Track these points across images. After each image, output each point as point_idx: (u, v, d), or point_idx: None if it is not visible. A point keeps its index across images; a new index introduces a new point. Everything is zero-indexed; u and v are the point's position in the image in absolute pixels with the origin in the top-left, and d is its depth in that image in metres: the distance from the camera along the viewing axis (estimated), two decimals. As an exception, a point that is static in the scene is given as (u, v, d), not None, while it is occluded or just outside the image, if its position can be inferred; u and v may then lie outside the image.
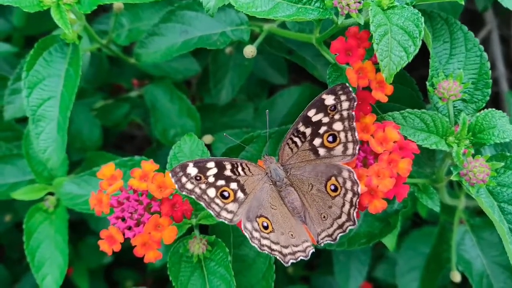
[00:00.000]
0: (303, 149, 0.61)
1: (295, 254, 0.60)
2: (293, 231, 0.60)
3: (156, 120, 0.98)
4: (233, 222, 0.60)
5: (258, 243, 0.59)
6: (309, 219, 0.61)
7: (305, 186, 0.61)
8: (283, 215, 0.61)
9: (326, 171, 0.60)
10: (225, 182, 0.60)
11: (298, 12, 0.58)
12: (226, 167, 0.60)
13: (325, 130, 0.60)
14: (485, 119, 0.62)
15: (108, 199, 0.62)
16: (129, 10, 0.90)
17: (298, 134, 0.61)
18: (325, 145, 0.60)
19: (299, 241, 0.60)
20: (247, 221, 0.60)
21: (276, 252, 0.60)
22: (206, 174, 0.59)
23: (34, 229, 0.82)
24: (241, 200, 0.60)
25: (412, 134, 0.61)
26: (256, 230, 0.59)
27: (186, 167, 0.59)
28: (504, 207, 0.63)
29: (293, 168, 0.61)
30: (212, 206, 0.59)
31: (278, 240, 0.60)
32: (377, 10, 0.55)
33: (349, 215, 0.59)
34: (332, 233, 0.60)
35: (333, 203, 0.60)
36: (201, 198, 0.59)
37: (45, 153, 0.75)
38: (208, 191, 0.59)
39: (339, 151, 0.60)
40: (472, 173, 0.60)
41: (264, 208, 0.61)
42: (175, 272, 0.66)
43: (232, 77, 1.00)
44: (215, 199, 0.59)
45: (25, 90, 0.75)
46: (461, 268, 0.85)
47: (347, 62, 0.61)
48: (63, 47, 0.77)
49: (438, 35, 0.67)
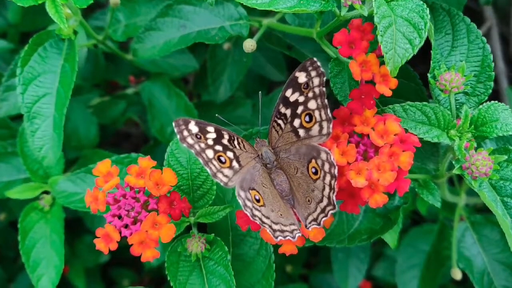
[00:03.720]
0: (286, 131, 0.61)
1: (284, 232, 0.60)
2: (282, 212, 0.61)
3: (153, 117, 0.97)
4: (228, 185, 0.60)
5: (250, 212, 0.59)
6: (297, 202, 0.61)
7: (291, 169, 0.61)
8: (273, 196, 0.61)
9: (307, 153, 0.60)
10: (222, 148, 0.60)
11: (300, 4, 0.57)
12: (224, 136, 0.60)
13: (302, 109, 0.59)
14: (487, 112, 0.62)
15: (104, 196, 0.61)
16: (126, 5, 0.89)
17: (280, 116, 0.61)
18: (303, 126, 0.60)
19: (287, 222, 0.60)
20: (240, 189, 0.60)
21: (266, 225, 0.60)
22: (206, 136, 0.59)
23: (30, 229, 0.81)
24: (236, 169, 0.61)
25: (413, 127, 0.60)
26: (249, 200, 0.60)
27: (188, 123, 0.59)
28: (507, 201, 0.63)
29: (281, 151, 0.62)
30: (209, 165, 0.59)
31: (269, 215, 0.60)
32: (381, 1, 0.54)
33: (329, 198, 0.59)
34: (316, 217, 0.60)
35: (315, 186, 0.60)
36: (200, 155, 0.59)
37: (40, 151, 0.74)
38: (206, 151, 0.59)
39: (316, 131, 0.60)
40: (474, 167, 0.59)
41: (256, 183, 0.61)
42: (173, 271, 0.65)
43: (230, 73, 0.99)
44: (213, 161, 0.60)
45: (19, 86, 0.74)
46: (461, 266, 0.85)
47: (350, 55, 0.60)
48: (58, 42, 0.75)
49: (440, 26, 0.66)
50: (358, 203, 0.61)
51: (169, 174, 0.61)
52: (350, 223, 0.73)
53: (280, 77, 1.06)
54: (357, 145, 0.59)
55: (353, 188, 0.59)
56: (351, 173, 0.57)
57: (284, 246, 0.62)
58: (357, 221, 0.72)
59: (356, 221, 0.72)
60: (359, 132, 0.59)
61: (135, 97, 1.08)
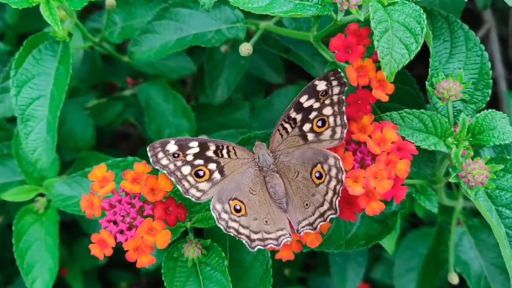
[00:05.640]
0: (292, 134, 0.61)
1: (265, 241, 0.60)
2: (268, 218, 0.61)
3: (150, 120, 0.97)
4: (200, 200, 0.60)
5: (225, 224, 0.60)
6: (291, 206, 0.61)
7: (291, 173, 0.61)
8: (261, 201, 0.61)
9: (312, 157, 0.60)
10: (203, 162, 0.60)
11: (296, 8, 0.57)
12: (209, 148, 0.61)
13: (315, 115, 0.60)
14: (485, 120, 0.61)
15: (100, 201, 0.60)
16: (122, 7, 0.88)
17: (289, 120, 0.61)
18: (314, 130, 0.60)
19: (274, 228, 0.60)
20: (217, 202, 0.60)
21: (243, 236, 0.60)
22: (185, 152, 0.60)
23: (24, 231, 0.81)
24: (216, 181, 0.61)
25: (410, 134, 0.60)
26: (225, 212, 0.60)
27: (166, 144, 0.60)
28: (502, 211, 0.63)
29: (281, 154, 0.62)
30: (182, 183, 0.60)
31: (249, 225, 0.60)
32: (378, 6, 0.53)
33: (331, 203, 0.59)
34: (313, 222, 0.60)
35: (317, 190, 0.60)
36: (173, 174, 0.60)
37: (34, 154, 0.73)
38: (182, 168, 0.60)
39: (327, 136, 0.60)
40: (471, 175, 0.59)
41: (241, 191, 0.61)
42: (170, 277, 0.64)
43: (227, 75, 0.98)
44: (188, 177, 0.60)
45: (13, 88, 0.73)
46: (458, 270, 0.85)
47: (346, 60, 0.60)
48: (53, 45, 0.75)
49: (439, 33, 0.66)
50: (355, 211, 0.60)
51: (164, 180, 0.61)
52: (347, 228, 0.72)
53: (278, 79, 1.05)
54: (354, 153, 0.59)
55: (350, 196, 0.58)
56: (348, 180, 0.57)
57: (281, 252, 0.62)
58: (355, 226, 0.72)
59: (354, 227, 0.72)
60: (356, 140, 0.59)
61: (132, 99, 1.07)
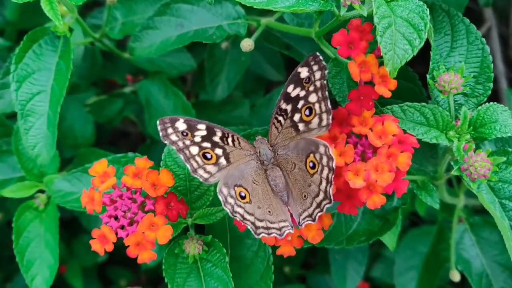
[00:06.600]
0: (285, 126, 0.61)
1: (269, 229, 0.60)
2: (271, 208, 0.61)
3: (150, 117, 0.97)
4: (208, 181, 0.60)
5: (231, 209, 0.59)
6: (291, 199, 0.61)
7: (289, 165, 0.62)
8: (264, 192, 0.61)
9: (305, 147, 0.60)
10: (210, 145, 0.60)
11: (298, 3, 0.57)
12: (216, 133, 0.61)
13: (303, 104, 0.60)
14: (486, 113, 0.61)
15: (101, 197, 0.60)
16: (123, 3, 0.88)
17: (281, 112, 0.61)
18: (303, 120, 0.60)
19: (276, 219, 0.60)
20: (224, 186, 0.60)
21: (248, 222, 0.60)
22: (194, 133, 0.60)
23: (24, 228, 0.80)
24: (222, 166, 0.61)
25: (411, 128, 0.60)
26: (231, 197, 0.60)
27: (176, 121, 0.59)
28: (506, 204, 0.63)
29: (279, 148, 0.62)
30: (190, 162, 0.60)
31: (253, 212, 0.60)
32: (381, 1, 0.53)
33: (325, 193, 0.59)
34: (312, 213, 0.60)
35: (312, 181, 0.60)
36: (182, 151, 0.59)
37: (34, 149, 0.73)
38: (191, 148, 0.60)
39: (315, 124, 0.60)
40: (473, 168, 0.59)
41: (245, 180, 0.61)
42: (171, 273, 0.64)
43: (228, 73, 0.98)
44: (196, 157, 0.60)
45: (13, 84, 0.73)
46: (460, 268, 0.84)
47: (349, 55, 0.60)
48: (53, 40, 0.75)
49: (439, 27, 0.66)
50: (356, 204, 0.60)
51: (166, 175, 0.61)
52: (348, 224, 0.72)
53: (279, 77, 1.05)
54: (355, 146, 0.59)
55: (351, 189, 0.58)
56: (349, 174, 0.57)
57: (282, 248, 0.62)
58: (356, 222, 0.72)
59: (355, 223, 0.72)
60: (357, 133, 0.59)
61: (133, 96, 1.07)
